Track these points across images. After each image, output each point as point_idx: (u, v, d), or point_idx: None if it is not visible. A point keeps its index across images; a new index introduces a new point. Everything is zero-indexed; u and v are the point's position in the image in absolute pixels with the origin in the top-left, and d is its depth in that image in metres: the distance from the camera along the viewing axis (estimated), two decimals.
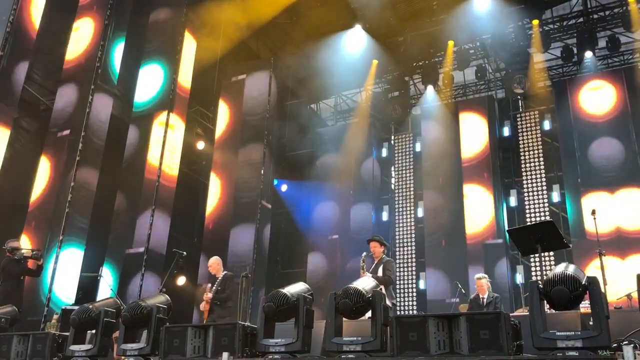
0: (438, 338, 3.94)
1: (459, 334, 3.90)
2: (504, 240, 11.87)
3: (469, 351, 3.80)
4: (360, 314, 4.39)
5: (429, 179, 13.24)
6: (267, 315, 4.57)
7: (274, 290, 4.64)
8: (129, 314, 5.15)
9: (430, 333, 3.95)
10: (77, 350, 5.29)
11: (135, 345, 5.14)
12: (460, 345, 3.87)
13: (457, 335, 3.91)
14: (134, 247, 11.19)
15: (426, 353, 3.92)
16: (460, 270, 11.75)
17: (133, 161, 12.11)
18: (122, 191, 11.88)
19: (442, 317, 4.02)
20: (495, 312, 3.86)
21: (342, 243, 13.36)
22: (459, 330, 3.90)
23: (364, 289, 4.34)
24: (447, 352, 3.92)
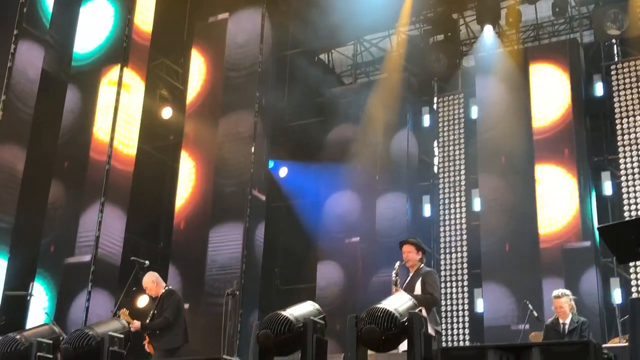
0: None
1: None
2: (592, 243, 11.82)
3: None
4: (392, 345, 4.40)
5: (487, 158, 13.18)
6: (262, 347, 4.60)
7: (272, 313, 4.66)
8: (72, 346, 5.20)
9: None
10: None
11: None
12: None
13: None
14: (76, 255, 11.28)
15: None
16: (531, 285, 11.72)
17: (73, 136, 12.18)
18: (59, 178, 11.96)
19: (506, 349, 4.03)
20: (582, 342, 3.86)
21: (364, 248, 13.39)
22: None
23: (397, 311, 4.35)
24: None
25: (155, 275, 7.82)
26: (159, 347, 7.24)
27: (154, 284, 7.79)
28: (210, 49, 13.97)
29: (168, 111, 14.50)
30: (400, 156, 13.84)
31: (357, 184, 13.90)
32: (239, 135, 13.14)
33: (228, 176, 12.93)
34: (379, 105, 14.15)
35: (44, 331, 5.82)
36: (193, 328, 11.79)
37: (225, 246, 12.39)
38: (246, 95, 13.25)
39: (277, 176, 15.49)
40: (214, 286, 12.07)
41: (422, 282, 6.95)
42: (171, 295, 7.74)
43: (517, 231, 12.44)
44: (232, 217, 12.58)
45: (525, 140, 12.81)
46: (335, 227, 13.75)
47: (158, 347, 7.19)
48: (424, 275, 7.00)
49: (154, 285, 7.78)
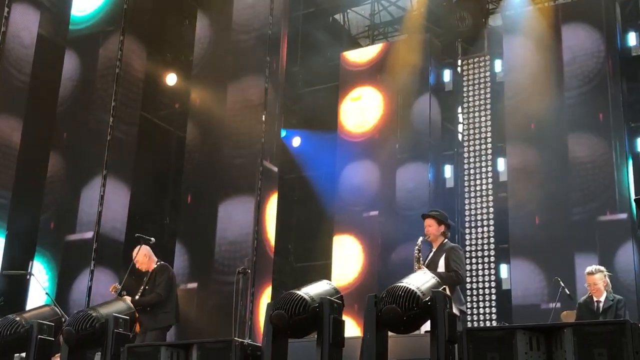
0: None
1: (562, 353, 3.92)
2: (629, 215, 11.75)
3: None
4: (413, 325, 4.41)
5: (515, 124, 13.09)
6: (276, 328, 4.62)
7: (286, 293, 4.67)
8: (74, 328, 5.24)
9: (520, 353, 3.97)
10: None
11: None
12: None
13: (560, 356, 3.93)
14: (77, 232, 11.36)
15: None
16: (562, 260, 11.69)
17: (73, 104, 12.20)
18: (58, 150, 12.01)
19: (536, 330, 4.03)
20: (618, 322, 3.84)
21: (384, 222, 13.39)
22: (563, 349, 3.92)
23: (420, 290, 4.35)
24: None
25: (148, 249, 7.84)
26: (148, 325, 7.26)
27: (147, 257, 7.81)
28: (217, 9, 13.88)
29: (173, 77, 14.47)
30: (422, 123, 13.76)
31: (375, 153, 13.86)
32: (248, 102, 13.10)
33: (238, 146, 12.92)
34: (399, 68, 14.05)
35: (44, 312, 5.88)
36: (202, 308, 11.96)
37: (235, 221, 12.42)
38: (256, 59, 13.18)
39: (290, 146, 15.48)
40: (224, 264, 12.13)
41: (446, 258, 6.94)
42: (164, 271, 7.75)
43: (547, 203, 12.37)
44: (243, 190, 12.59)
45: (556, 104, 12.69)
46: (353, 200, 13.74)
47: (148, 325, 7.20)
48: (448, 252, 6.99)
49: (146, 259, 7.80)
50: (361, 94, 14.36)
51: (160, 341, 6.96)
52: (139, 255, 7.71)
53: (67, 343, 5.32)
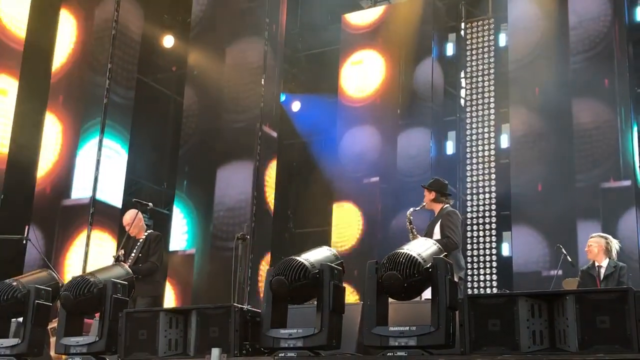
0: (533, 327, 3.99)
1: (564, 321, 3.95)
2: (633, 182, 11.75)
3: (580, 347, 3.85)
4: (414, 292, 4.43)
5: (518, 90, 13.03)
6: (276, 294, 4.64)
7: (286, 258, 4.69)
8: (72, 293, 5.27)
9: (521, 320, 4.00)
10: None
11: (82, 339, 5.29)
12: (567, 338, 3.91)
13: (562, 324, 3.96)
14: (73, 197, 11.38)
15: (515, 349, 3.98)
16: (565, 227, 11.71)
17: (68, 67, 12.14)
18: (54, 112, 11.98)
19: (538, 297, 4.06)
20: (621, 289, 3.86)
21: (385, 189, 13.40)
22: (565, 316, 3.94)
23: (421, 257, 4.36)
24: (547, 349, 3.98)
25: (140, 214, 7.86)
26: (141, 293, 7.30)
27: (139, 222, 7.83)
28: None
29: (170, 40, 14.36)
30: (424, 88, 13.71)
31: (376, 119, 13.82)
32: (247, 65, 13.04)
33: (236, 111, 12.88)
34: (401, 31, 13.96)
35: (42, 277, 5.91)
36: (201, 274, 12.03)
37: (234, 187, 12.43)
38: (255, 21, 13.09)
39: (290, 111, 15.43)
40: (223, 230, 12.17)
41: (441, 225, 6.95)
42: (160, 240, 7.80)
43: (550, 169, 12.36)
44: (241, 156, 12.59)
45: (561, 70, 12.61)
46: (353, 166, 13.73)
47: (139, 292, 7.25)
48: (443, 217, 7.00)
49: (139, 223, 7.82)
50: (362, 58, 14.28)
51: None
52: (135, 220, 7.73)
53: (65, 308, 5.35)
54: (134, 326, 5.03)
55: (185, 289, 12.21)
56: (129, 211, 7.91)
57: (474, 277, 13.25)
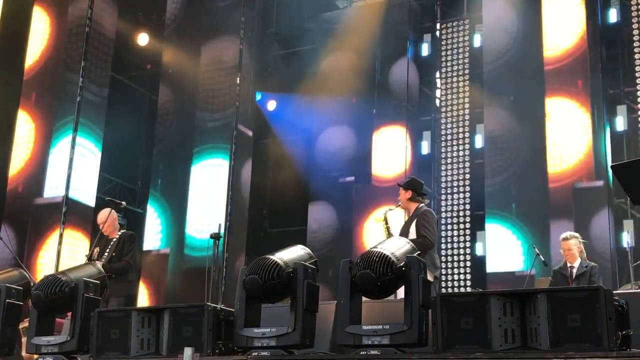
0: (505, 326, 4.02)
1: (535, 319, 3.98)
2: (605, 182, 11.86)
3: (551, 344, 3.88)
4: (388, 291, 4.45)
5: (493, 91, 13.10)
6: (249, 293, 4.64)
7: (260, 258, 4.69)
8: (44, 292, 5.24)
9: (493, 318, 4.03)
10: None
11: (54, 339, 5.26)
12: (538, 336, 3.94)
13: (533, 322, 3.99)
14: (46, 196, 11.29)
15: (486, 347, 4.01)
16: (538, 227, 11.81)
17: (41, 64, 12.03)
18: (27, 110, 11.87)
19: (510, 296, 4.09)
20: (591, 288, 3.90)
21: (360, 188, 13.42)
22: (536, 315, 3.98)
23: (394, 255, 4.38)
24: (518, 347, 4.01)
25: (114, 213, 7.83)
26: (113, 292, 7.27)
27: (114, 221, 7.79)
28: None
29: (144, 37, 14.27)
30: (400, 88, 13.74)
31: (352, 119, 13.83)
32: (222, 64, 13.01)
33: (211, 110, 12.85)
34: (377, 31, 13.97)
35: (13, 276, 5.87)
36: (175, 273, 11.97)
37: (208, 186, 12.39)
38: (230, 19, 13.05)
39: (265, 110, 15.37)
40: (197, 229, 12.12)
41: (417, 224, 6.97)
42: (134, 240, 7.77)
43: (524, 170, 12.44)
44: (216, 155, 12.55)
45: (535, 71, 12.69)
46: (328, 166, 13.73)
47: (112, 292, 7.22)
48: (419, 217, 7.02)
49: (113, 223, 7.78)
50: (338, 57, 14.27)
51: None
52: (109, 219, 7.68)
53: (36, 307, 5.32)
54: (106, 325, 5.02)
55: (159, 288, 12.15)
56: (103, 210, 7.86)
57: (448, 276, 13.30)
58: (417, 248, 6.52)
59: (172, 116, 13.08)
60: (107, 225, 7.67)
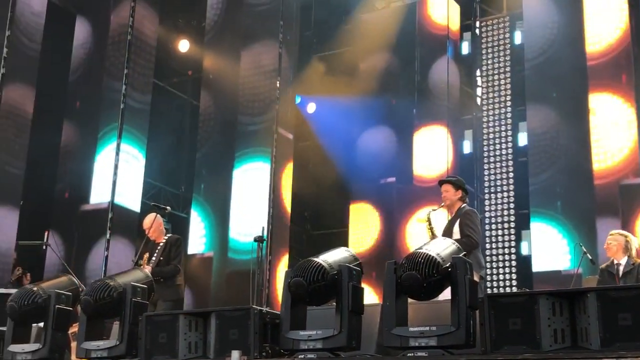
0: (554, 326, 3.97)
1: (585, 319, 3.92)
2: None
3: (602, 344, 3.82)
4: (434, 292, 4.42)
5: (535, 88, 12.96)
6: (294, 296, 4.64)
7: (304, 260, 4.69)
8: (92, 298, 5.30)
9: (542, 318, 3.98)
10: (20, 352, 5.50)
11: (103, 343, 5.31)
12: (588, 336, 3.89)
13: (583, 322, 3.94)
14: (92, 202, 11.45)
15: (536, 348, 3.96)
16: (584, 225, 11.65)
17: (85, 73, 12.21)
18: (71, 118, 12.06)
19: (558, 295, 4.03)
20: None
21: (401, 189, 13.38)
22: (586, 314, 3.92)
23: (440, 256, 4.35)
24: (568, 347, 3.96)
25: (160, 218, 7.90)
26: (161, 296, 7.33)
27: (159, 226, 7.86)
28: None
29: (185, 44, 14.41)
30: (440, 87, 13.68)
31: (392, 119, 13.81)
32: (262, 68, 13.06)
33: (252, 113, 12.91)
34: (415, 31, 13.94)
35: (62, 282, 5.94)
36: (220, 276, 12.05)
37: (250, 189, 12.45)
38: (269, 24, 13.10)
39: (305, 112, 15.43)
40: (240, 232, 12.18)
41: (460, 224, 6.92)
42: (180, 244, 7.83)
43: (568, 167, 12.29)
44: (258, 158, 12.60)
45: (578, 66, 12.53)
46: (369, 167, 13.72)
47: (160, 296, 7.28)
48: (462, 217, 6.96)
49: (159, 227, 7.84)
50: (377, 59, 14.25)
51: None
52: (155, 224, 7.75)
53: (85, 312, 5.38)
54: (154, 329, 5.05)
55: (204, 292, 12.24)
56: (148, 215, 7.94)
57: (494, 276, 13.20)
58: (462, 248, 6.51)
59: (213, 121, 13.17)
60: (152, 230, 7.74)
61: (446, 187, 7.13)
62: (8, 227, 10.37)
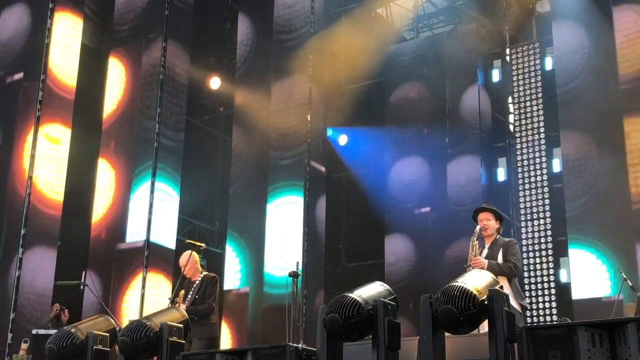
0: (594, 358, 3.93)
1: (626, 350, 3.89)
2: None
3: None
4: (471, 326, 4.38)
5: (568, 114, 12.90)
6: (330, 332, 4.63)
7: (339, 296, 4.68)
8: (129, 338, 5.34)
9: (582, 350, 3.95)
10: None
11: None
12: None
13: (624, 353, 3.90)
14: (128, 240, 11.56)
15: None
16: (623, 251, 11.49)
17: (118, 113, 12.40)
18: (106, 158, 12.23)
19: (598, 326, 3.97)
20: None
21: (436, 219, 13.33)
22: (627, 345, 3.88)
23: (476, 289, 4.32)
24: None
25: (196, 255, 7.94)
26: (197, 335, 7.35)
27: (195, 264, 7.89)
28: (258, 11, 13.97)
29: (216, 81, 14.60)
30: (472, 115, 13.67)
31: (424, 149, 13.80)
32: (293, 102, 13.15)
33: (284, 147, 12.98)
34: (445, 60, 13.97)
35: (99, 323, 6.00)
36: (256, 311, 12.06)
37: (285, 223, 12.48)
38: (298, 57, 13.22)
39: (337, 145, 15.49)
40: (275, 266, 12.20)
41: (504, 252, 6.85)
42: (216, 282, 7.85)
43: (605, 192, 12.16)
44: (291, 192, 12.65)
45: (610, 90, 12.45)
46: (403, 197, 13.71)
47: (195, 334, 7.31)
48: (506, 246, 6.89)
49: (195, 265, 7.88)
50: (407, 89, 14.30)
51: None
52: (190, 262, 7.80)
53: (123, 353, 5.42)
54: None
55: (240, 327, 12.25)
56: (184, 253, 7.99)
57: (533, 304, 13.04)
58: (506, 272, 6.51)
59: (245, 156, 13.27)
60: (188, 268, 7.79)
61: (488, 216, 7.04)
62: (46, 268, 10.51)
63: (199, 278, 7.78)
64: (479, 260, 6.70)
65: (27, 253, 10.18)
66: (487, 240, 7.11)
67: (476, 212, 7.17)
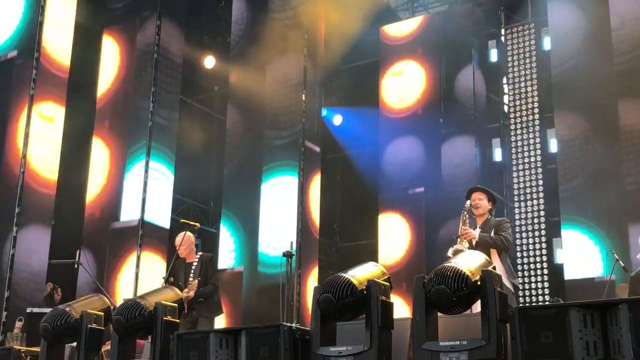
0: (586, 338, 3.94)
1: (617, 330, 3.90)
2: None
3: (635, 357, 3.79)
4: (463, 306, 4.41)
5: (563, 94, 12.88)
6: (324, 312, 4.66)
7: (332, 275, 4.70)
8: (124, 317, 5.36)
9: (574, 331, 3.96)
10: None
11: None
12: (621, 348, 3.85)
13: (616, 333, 3.91)
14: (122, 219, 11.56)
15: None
16: (616, 232, 11.53)
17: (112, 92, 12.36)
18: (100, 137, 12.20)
19: (590, 307, 4.00)
20: None
21: (430, 199, 13.33)
22: (618, 326, 3.89)
23: (469, 270, 4.33)
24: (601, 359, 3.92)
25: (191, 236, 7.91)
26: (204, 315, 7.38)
27: (190, 245, 7.88)
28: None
29: (211, 60, 14.53)
30: (466, 96, 13.64)
31: (419, 129, 13.78)
32: (288, 81, 13.11)
33: (279, 127, 12.97)
34: (440, 40, 13.93)
35: (94, 302, 6.02)
36: (250, 290, 12.09)
37: (279, 203, 12.49)
38: (293, 37, 13.16)
39: (332, 125, 15.47)
40: (270, 246, 12.22)
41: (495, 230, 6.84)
42: (214, 262, 7.87)
43: (599, 173, 12.17)
44: (285, 172, 12.64)
45: (605, 71, 12.44)
46: (397, 177, 13.70)
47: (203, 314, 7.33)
48: (497, 224, 6.87)
49: (190, 245, 7.86)
50: (402, 69, 14.26)
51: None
52: (185, 242, 7.77)
53: (117, 332, 5.44)
54: (185, 348, 5.09)
55: (235, 306, 12.28)
56: (180, 234, 7.96)
57: (525, 285, 13.09)
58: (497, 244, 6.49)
59: (240, 136, 13.24)
60: (183, 248, 7.77)
61: (480, 196, 7.02)
62: (41, 246, 10.51)
63: (195, 259, 7.76)
64: (469, 231, 6.68)
65: (21, 232, 10.17)
66: (479, 219, 7.10)
67: (470, 192, 7.18)
